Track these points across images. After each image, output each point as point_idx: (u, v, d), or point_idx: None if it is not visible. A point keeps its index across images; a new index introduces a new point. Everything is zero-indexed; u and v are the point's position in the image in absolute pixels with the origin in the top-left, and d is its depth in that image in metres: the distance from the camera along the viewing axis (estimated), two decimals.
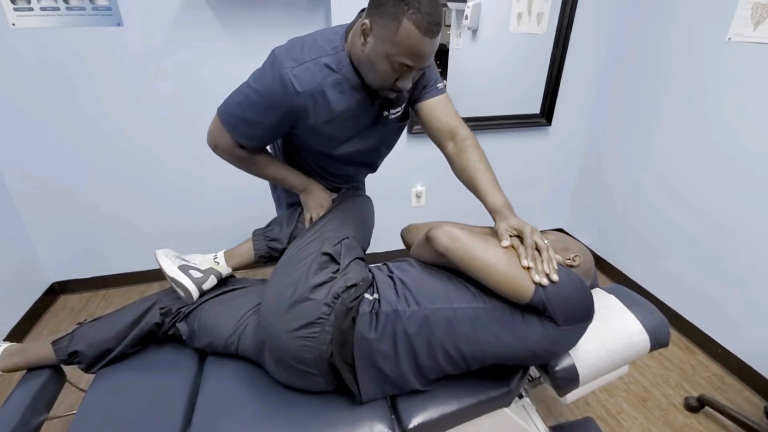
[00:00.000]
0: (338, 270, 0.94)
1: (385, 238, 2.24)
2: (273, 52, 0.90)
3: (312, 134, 0.99)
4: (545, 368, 0.94)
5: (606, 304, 1.03)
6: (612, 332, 0.96)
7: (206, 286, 1.04)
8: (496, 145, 2.09)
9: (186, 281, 1.01)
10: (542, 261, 0.82)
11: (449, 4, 2.15)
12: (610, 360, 0.95)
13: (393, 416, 0.91)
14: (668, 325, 0.99)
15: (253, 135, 0.98)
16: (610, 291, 1.08)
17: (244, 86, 0.93)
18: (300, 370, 0.87)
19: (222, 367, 1.00)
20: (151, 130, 1.79)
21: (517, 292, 0.80)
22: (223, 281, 1.09)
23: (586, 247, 1.03)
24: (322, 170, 1.15)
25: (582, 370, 0.93)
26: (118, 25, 1.58)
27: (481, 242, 0.85)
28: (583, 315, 0.84)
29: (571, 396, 1.02)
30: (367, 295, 0.89)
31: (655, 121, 1.86)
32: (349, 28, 0.92)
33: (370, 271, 0.99)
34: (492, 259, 0.82)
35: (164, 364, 1.02)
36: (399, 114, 1.06)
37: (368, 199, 1.26)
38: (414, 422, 0.87)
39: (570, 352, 0.93)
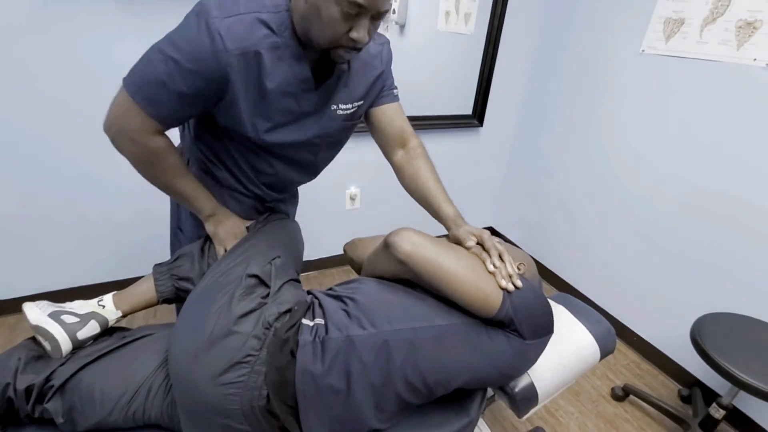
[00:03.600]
0: (268, 294, 0.78)
1: (317, 245, 2.10)
2: (199, 1, 0.71)
3: (238, 113, 0.80)
4: (503, 390, 0.89)
5: (556, 315, 1.00)
6: (565, 346, 0.94)
7: (83, 334, 0.78)
8: (428, 146, 2.03)
9: (53, 327, 0.75)
10: (505, 265, 0.78)
11: None
12: (565, 375, 0.93)
13: None
14: (614, 332, 1.00)
15: (172, 108, 0.75)
16: (557, 301, 1.07)
17: (161, 44, 0.71)
18: (224, 425, 0.70)
19: None
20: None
21: (485, 303, 0.74)
22: (110, 332, 0.85)
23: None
24: (247, 166, 0.92)
25: (541, 389, 0.89)
26: None
27: (445, 249, 0.76)
28: (548, 327, 0.80)
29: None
30: (306, 321, 0.75)
31: (573, 125, 1.95)
32: None
33: (309, 293, 0.85)
34: (458, 267, 0.75)
35: None
36: (349, 112, 0.91)
37: (295, 223, 1.11)
38: None
39: (527, 370, 0.89)
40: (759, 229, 1.35)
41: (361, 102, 0.92)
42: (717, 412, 1.31)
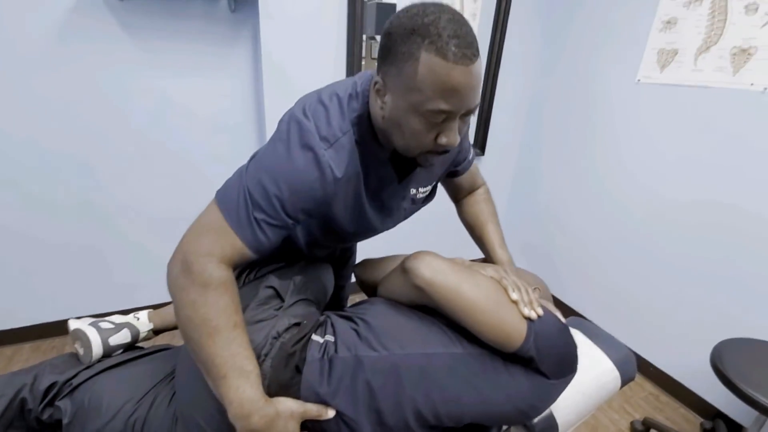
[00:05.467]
0: (281, 307, 0.77)
1: None
2: (297, 123, 0.65)
3: (328, 222, 0.78)
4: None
5: None
6: (584, 373, 0.90)
7: (114, 340, 0.85)
8: None
9: (90, 331, 0.83)
10: (527, 293, 0.74)
11: (377, 36, 2.12)
12: (585, 405, 0.88)
13: None
14: (634, 358, 0.96)
15: (269, 240, 0.66)
16: (572, 326, 1.04)
17: (261, 177, 0.64)
18: None
19: None
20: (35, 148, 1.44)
21: (508, 337, 0.69)
22: (131, 349, 0.88)
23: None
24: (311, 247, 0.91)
25: (561, 419, 0.85)
26: None
27: (466, 276, 0.72)
28: (572, 365, 0.75)
29: None
30: (316, 337, 0.72)
31: (573, 154, 1.98)
32: (368, 87, 0.71)
33: (322, 313, 0.83)
34: (480, 297, 0.70)
35: None
36: (427, 193, 0.90)
37: (326, 265, 1.06)
38: None
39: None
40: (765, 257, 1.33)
41: (439, 177, 0.92)
42: None
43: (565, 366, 0.74)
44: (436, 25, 0.57)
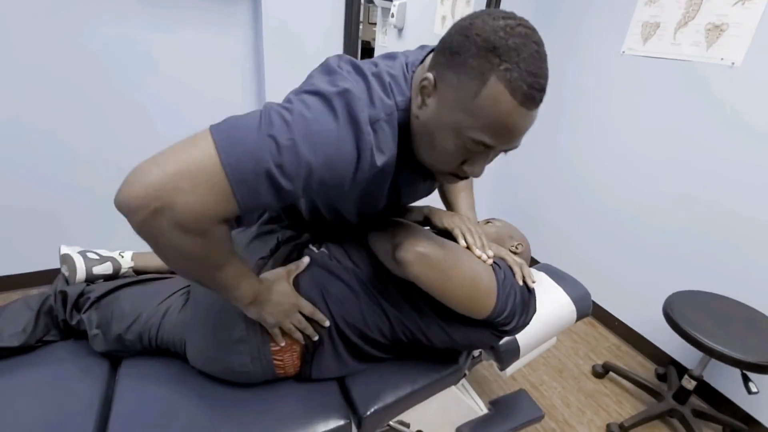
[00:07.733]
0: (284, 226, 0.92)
1: None
2: (348, 102, 0.54)
3: (337, 203, 0.77)
4: None
5: (538, 280, 1.10)
6: (544, 305, 1.04)
7: (97, 270, 0.94)
8: None
9: (77, 258, 0.92)
10: (479, 238, 0.83)
11: (375, 1, 2.15)
12: (544, 331, 1.02)
13: (348, 406, 0.86)
14: (590, 296, 1.10)
15: (263, 200, 0.54)
16: (539, 269, 1.17)
17: (295, 135, 0.51)
18: (226, 341, 0.78)
19: (141, 367, 0.86)
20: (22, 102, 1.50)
21: (478, 313, 0.79)
22: (112, 279, 0.96)
23: None
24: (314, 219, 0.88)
25: (522, 343, 0.99)
26: None
27: (448, 268, 0.74)
28: (529, 320, 0.87)
29: (510, 369, 1.08)
30: (312, 246, 0.86)
31: (561, 121, 2.07)
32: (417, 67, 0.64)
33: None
34: (461, 288, 0.75)
35: (67, 367, 0.85)
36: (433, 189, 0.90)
37: None
38: (370, 409, 0.84)
39: None
40: (719, 221, 1.47)
41: None
42: (689, 383, 1.41)
43: (521, 325, 0.86)
44: (518, 53, 0.51)
